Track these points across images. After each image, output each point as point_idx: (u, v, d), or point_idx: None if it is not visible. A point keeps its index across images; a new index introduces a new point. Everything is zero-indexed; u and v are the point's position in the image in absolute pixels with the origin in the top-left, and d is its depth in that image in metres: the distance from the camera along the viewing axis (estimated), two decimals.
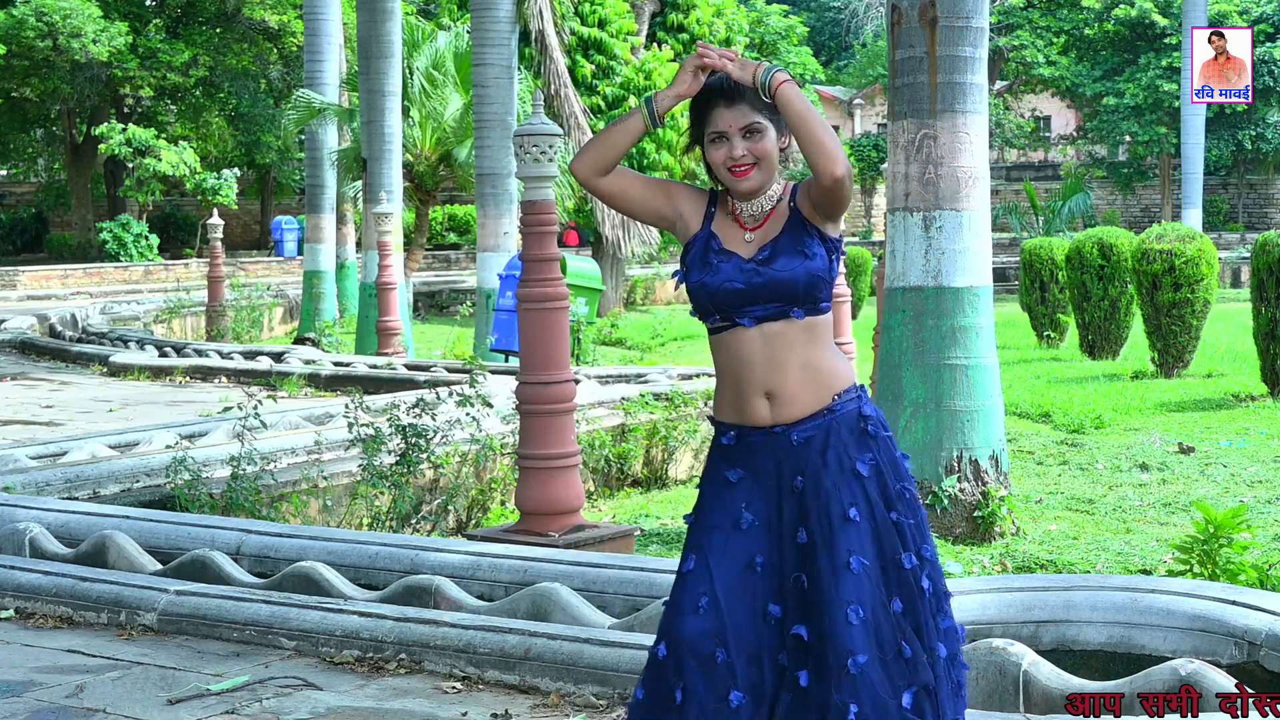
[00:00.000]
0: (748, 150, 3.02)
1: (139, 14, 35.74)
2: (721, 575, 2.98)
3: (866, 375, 11.95)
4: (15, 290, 29.36)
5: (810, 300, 3.02)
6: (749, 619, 2.97)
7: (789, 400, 3.02)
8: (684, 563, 3.04)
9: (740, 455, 3.05)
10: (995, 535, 7.58)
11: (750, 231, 3.06)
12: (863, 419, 3.03)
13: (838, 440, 3.00)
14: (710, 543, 3.01)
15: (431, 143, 21.03)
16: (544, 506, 6.89)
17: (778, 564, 2.99)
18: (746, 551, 3.00)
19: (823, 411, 3.02)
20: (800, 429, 3.01)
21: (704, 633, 2.95)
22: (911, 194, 7.66)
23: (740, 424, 3.06)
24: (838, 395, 3.03)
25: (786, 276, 2.99)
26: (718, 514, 3.04)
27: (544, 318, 6.90)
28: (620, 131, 3.08)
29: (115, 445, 8.84)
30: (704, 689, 2.93)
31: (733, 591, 2.98)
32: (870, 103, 50.11)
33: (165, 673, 4.83)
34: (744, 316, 3.02)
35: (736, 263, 3.03)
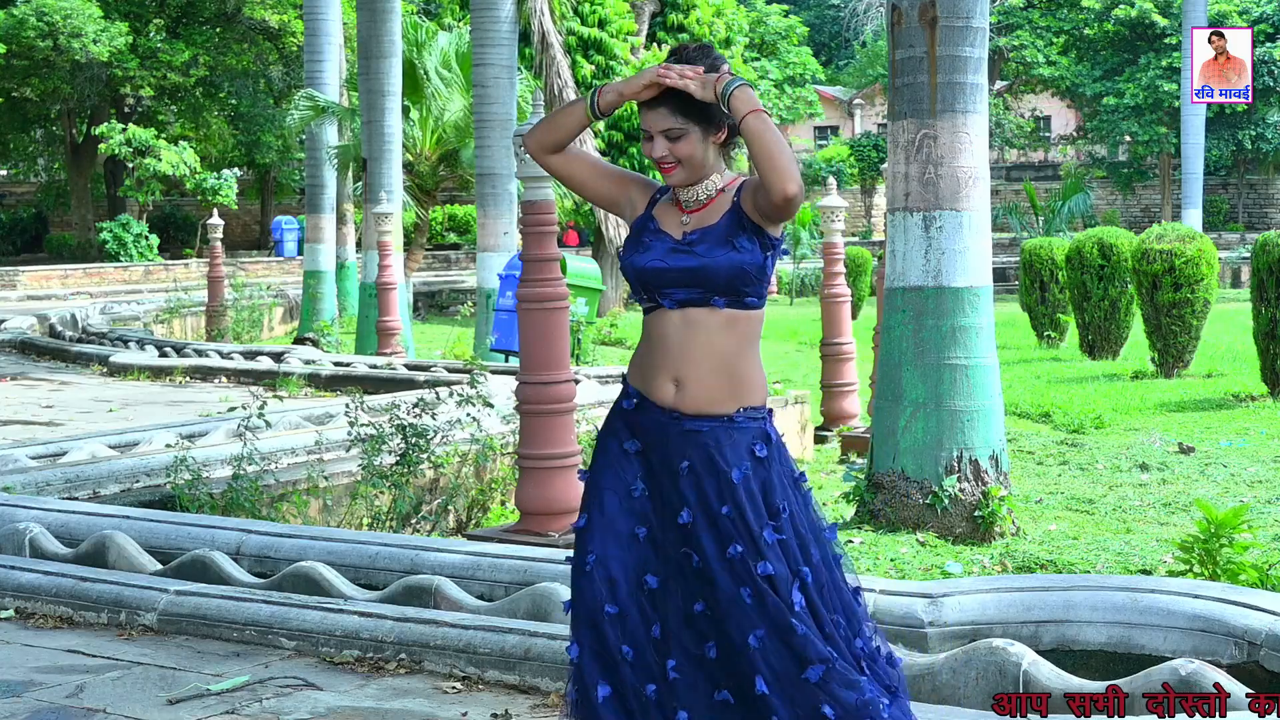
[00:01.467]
0: (669, 150, 3.12)
1: (139, 14, 35.72)
2: (611, 538, 3.11)
3: (867, 375, 11.97)
4: (15, 290, 29.36)
5: (732, 292, 3.08)
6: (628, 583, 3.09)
7: (694, 392, 3.10)
8: (579, 519, 3.17)
9: (636, 423, 3.16)
10: (995, 535, 7.58)
11: (687, 214, 3.16)
12: (759, 438, 3.09)
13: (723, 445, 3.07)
14: (603, 503, 3.13)
15: (432, 143, 21.04)
16: (544, 506, 6.89)
17: (659, 539, 3.10)
18: (630, 521, 3.12)
19: (723, 417, 3.09)
20: (694, 421, 3.09)
21: (593, 590, 3.08)
22: (911, 194, 7.66)
23: (644, 394, 3.16)
24: (744, 408, 3.10)
25: (709, 263, 3.07)
26: (611, 476, 3.15)
27: (544, 318, 6.91)
28: (564, 115, 3.23)
29: (115, 445, 8.84)
30: (598, 645, 3.07)
31: (620, 555, 3.10)
32: (870, 103, 50.11)
33: (165, 673, 4.83)
34: (666, 298, 3.12)
35: (665, 243, 3.13)
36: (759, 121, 2.98)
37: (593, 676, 3.05)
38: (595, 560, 3.09)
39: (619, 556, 3.09)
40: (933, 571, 6.73)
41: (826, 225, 12.70)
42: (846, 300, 12.76)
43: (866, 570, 6.62)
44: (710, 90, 3.04)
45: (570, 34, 25.93)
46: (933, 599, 4.56)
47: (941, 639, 4.44)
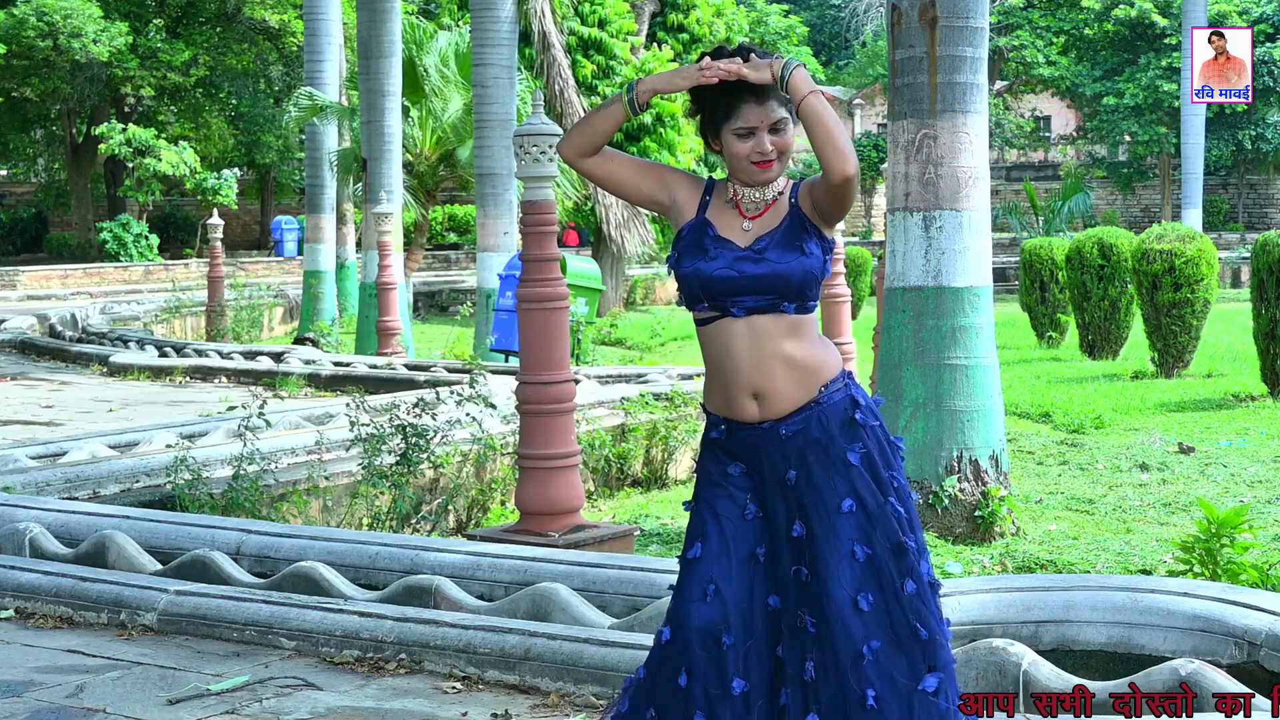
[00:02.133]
0: (774, 145, 3.05)
1: (139, 14, 35.72)
2: (728, 564, 3.02)
3: (866, 375, 11.96)
4: (15, 290, 29.36)
5: (801, 297, 3.05)
6: (751, 609, 3.01)
7: (775, 397, 3.04)
8: (689, 549, 3.08)
9: (733, 448, 3.09)
10: (995, 535, 7.58)
11: (749, 220, 3.09)
12: (851, 407, 3.05)
13: (826, 431, 3.02)
14: (716, 530, 3.05)
15: (432, 143, 21.03)
16: (544, 506, 6.89)
17: (775, 556, 3.03)
18: (749, 542, 3.04)
19: (809, 404, 3.04)
20: (788, 423, 3.04)
21: (710, 619, 2.99)
22: (911, 194, 7.66)
23: (730, 418, 3.09)
24: (824, 386, 3.05)
25: (782, 269, 3.02)
26: (722, 503, 3.07)
27: (544, 318, 6.90)
28: (601, 117, 3.13)
29: (115, 445, 8.84)
30: (708, 674, 2.97)
31: (737, 581, 3.01)
32: (870, 103, 50.12)
33: (165, 673, 4.83)
34: (735, 306, 3.04)
35: (732, 251, 3.05)
36: (819, 102, 2.95)
37: (698, 704, 2.97)
38: (715, 590, 3.00)
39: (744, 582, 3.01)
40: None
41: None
42: (846, 300, 12.76)
43: None
44: (767, 73, 2.98)
45: (570, 34, 25.94)
46: None
47: None
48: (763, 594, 3.01)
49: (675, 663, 3.00)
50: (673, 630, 3.02)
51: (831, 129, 2.94)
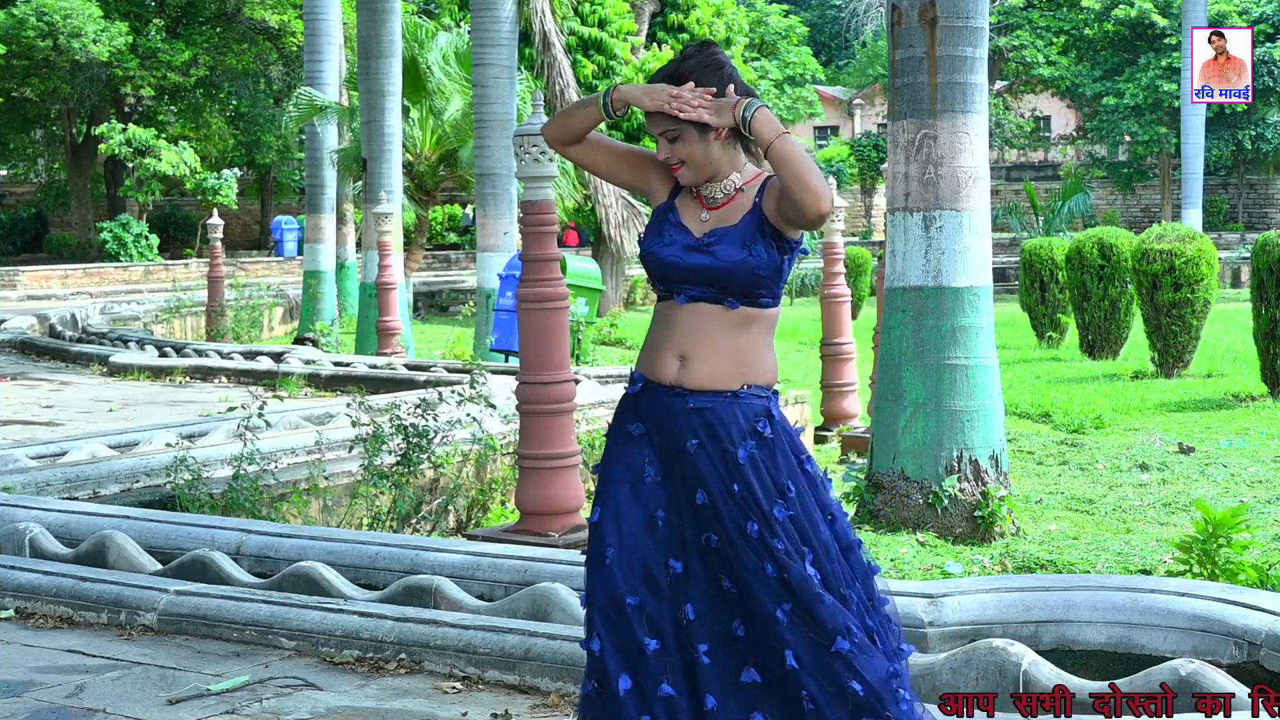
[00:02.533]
0: (672, 152, 3.14)
1: (139, 14, 35.73)
2: (625, 528, 3.09)
3: (867, 375, 11.96)
4: (15, 290, 29.36)
5: (745, 294, 3.09)
6: (651, 572, 3.07)
7: (698, 364, 3.09)
8: (593, 513, 3.15)
9: (641, 407, 3.15)
10: (995, 535, 7.58)
11: (708, 211, 3.16)
12: (763, 416, 3.09)
13: (728, 422, 3.06)
14: (615, 494, 3.12)
15: (432, 143, 21.03)
16: (544, 506, 6.89)
17: (677, 521, 3.09)
18: (647, 507, 3.10)
19: (726, 393, 3.08)
20: (697, 398, 3.09)
21: (610, 583, 3.06)
22: (911, 194, 7.66)
23: (649, 378, 3.15)
24: (749, 385, 3.10)
25: (724, 266, 3.07)
26: (621, 467, 3.14)
27: (544, 318, 6.90)
28: (579, 113, 3.24)
29: (115, 445, 8.84)
30: (620, 636, 3.05)
31: (638, 544, 3.08)
32: (870, 103, 50.12)
33: (165, 673, 4.83)
34: (680, 293, 3.12)
35: (685, 239, 3.13)
36: (785, 145, 2.99)
37: (615, 668, 3.03)
38: (615, 553, 3.07)
39: (637, 546, 3.07)
40: (933, 571, 6.73)
41: (826, 225, 12.69)
42: (846, 300, 12.77)
43: None
44: (728, 115, 3.05)
45: (571, 34, 25.95)
46: (933, 599, 4.56)
47: (941, 639, 4.44)
48: (663, 557, 3.07)
49: (590, 629, 3.10)
50: (586, 599, 3.12)
51: (800, 172, 2.97)
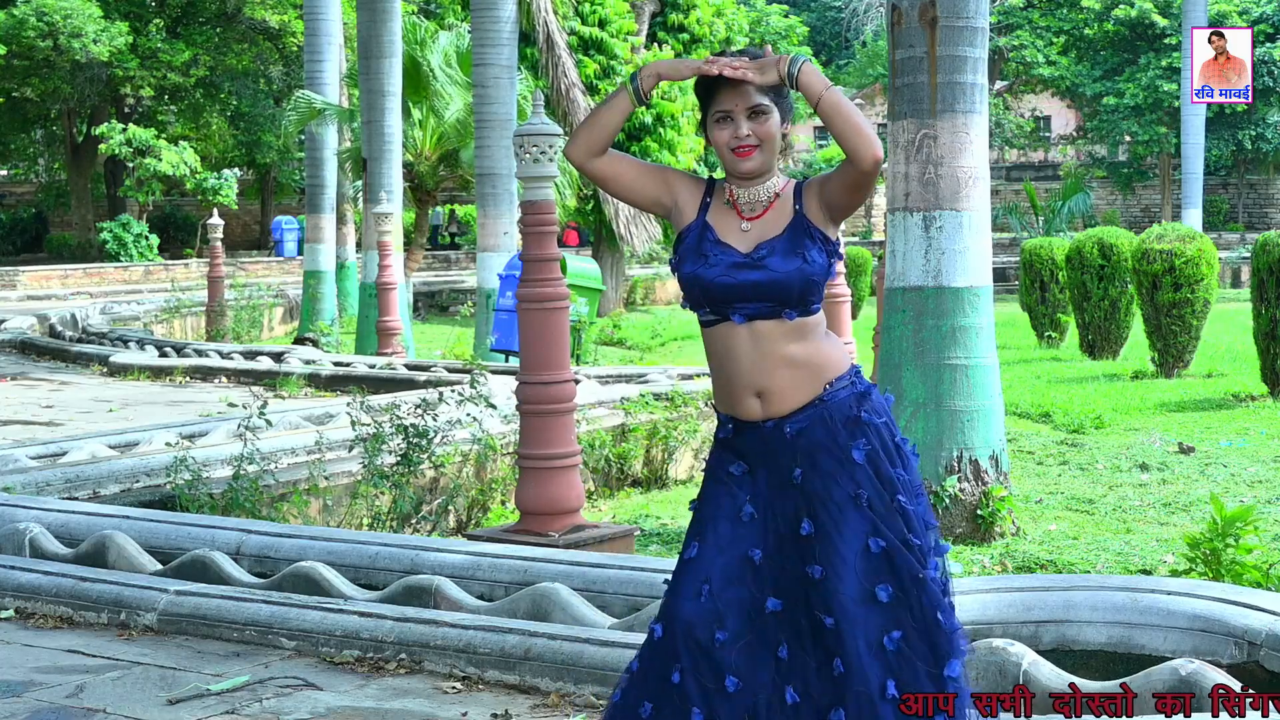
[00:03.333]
0: (752, 131, 3.01)
1: (139, 14, 35.73)
2: (723, 564, 3.00)
3: (867, 375, 11.94)
4: (15, 290, 29.36)
5: (803, 302, 3.02)
6: (746, 610, 2.99)
7: (779, 397, 3.02)
8: (687, 549, 3.06)
9: (739, 447, 3.07)
10: (995, 535, 7.58)
11: (747, 221, 3.05)
12: (856, 403, 3.03)
13: (831, 429, 3.00)
14: (713, 531, 3.03)
15: (432, 143, 21.03)
16: (544, 506, 6.89)
17: (777, 558, 3.00)
18: (745, 544, 3.01)
19: (814, 401, 3.02)
20: (792, 421, 3.01)
21: (703, 617, 2.97)
22: (911, 194, 7.66)
23: (735, 416, 3.07)
24: (829, 384, 3.03)
25: (781, 278, 2.98)
26: (720, 503, 3.05)
27: (544, 318, 6.90)
28: (608, 111, 3.08)
29: (115, 445, 8.84)
30: (702, 670, 2.96)
31: (732, 582, 2.99)
32: (870, 103, 50.10)
33: (165, 673, 4.83)
34: (735, 312, 3.01)
35: (732, 257, 3.01)
36: (836, 94, 2.93)
37: (694, 699, 2.95)
38: (710, 590, 2.98)
39: (734, 584, 2.98)
40: None
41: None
42: (846, 300, 12.73)
43: None
44: (773, 73, 2.95)
45: (571, 34, 25.94)
46: None
47: None
48: (760, 596, 2.98)
49: (668, 659, 2.98)
50: (664, 627, 3.01)
51: (853, 117, 2.92)
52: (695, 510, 3.10)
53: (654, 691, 3.00)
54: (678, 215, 3.11)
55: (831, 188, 3.01)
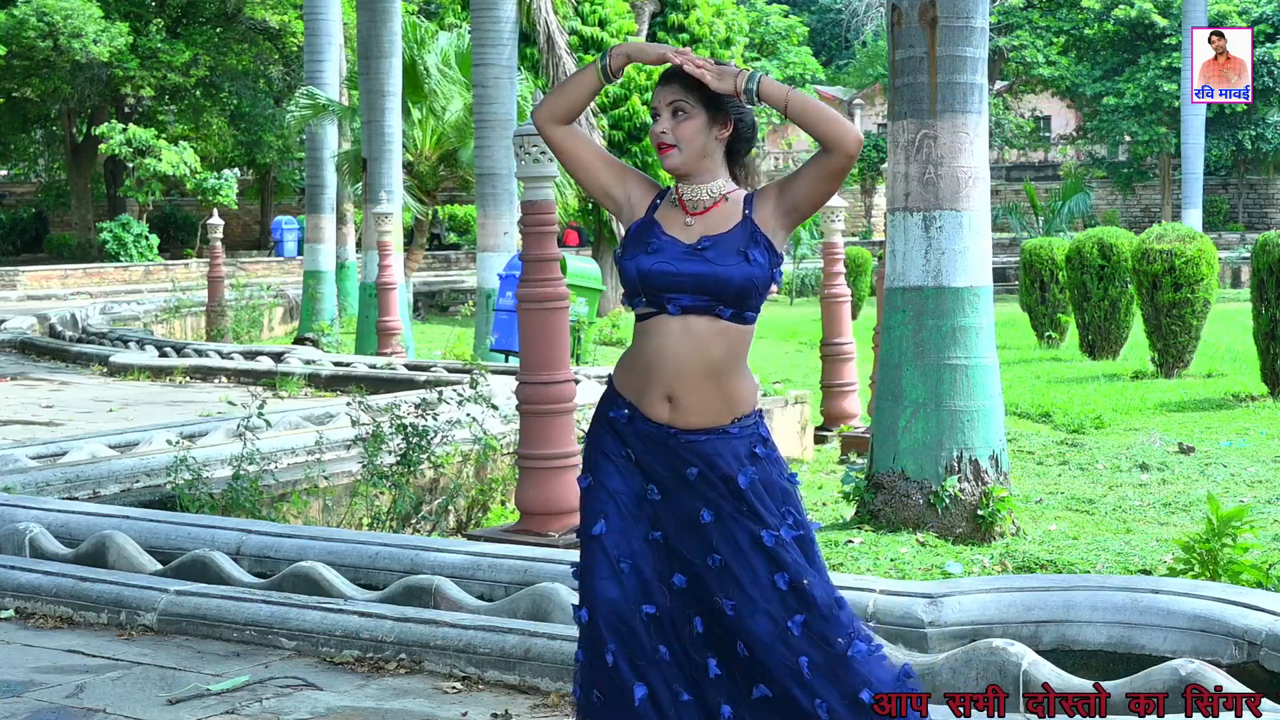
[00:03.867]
0: (668, 129, 3.08)
1: (139, 14, 35.74)
2: (634, 539, 3.07)
3: (867, 375, 11.96)
4: (15, 290, 29.37)
5: (739, 303, 3.05)
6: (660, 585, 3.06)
7: (688, 409, 3.07)
8: (592, 525, 3.10)
9: (630, 438, 3.11)
10: (995, 535, 7.58)
11: (691, 216, 3.10)
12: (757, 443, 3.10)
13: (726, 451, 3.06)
14: (617, 508, 3.08)
15: (432, 142, 21.03)
16: (544, 506, 6.89)
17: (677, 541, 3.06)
18: (646, 524, 3.08)
19: (718, 429, 3.08)
20: (689, 435, 3.07)
21: (626, 595, 3.03)
22: (911, 194, 7.66)
23: (636, 407, 3.11)
24: (737, 419, 3.09)
25: (722, 272, 3.02)
26: (620, 480, 3.10)
27: (544, 318, 6.90)
28: (575, 83, 3.18)
29: (115, 445, 8.84)
30: (632, 648, 3.02)
31: (643, 558, 3.06)
32: (870, 103, 50.12)
33: (165, 673, 4.83)
34: (671, 303, 3.05)
35: (675, 247, 3.06)
36: (800, 98, 3.01)
37: (629, 677, 3.00)
38: (630, 565, 3.04)
39: (648, 559, 3.05)
40: (933, 571, 6.73)
41: (826, 225, 12.70)
42: (846, 300, 12.76)
43: (866, 570, 6.62)
44: (729, 82, 3.00)
45: (572, 33, 25.95)
46: (933, 599, 4.56)
47: (941, 639, 4.44)
48: (667, 572, 3.06)
49: (600, 642, 3.03)
50: (589, 610, 3.05)
51: (824, 110, 3.01)
52: (589, 487, 3.13)
53: (598, 678, 3.05)
54: (628, 210, 3.18)
55: (803, 182, 3.06)
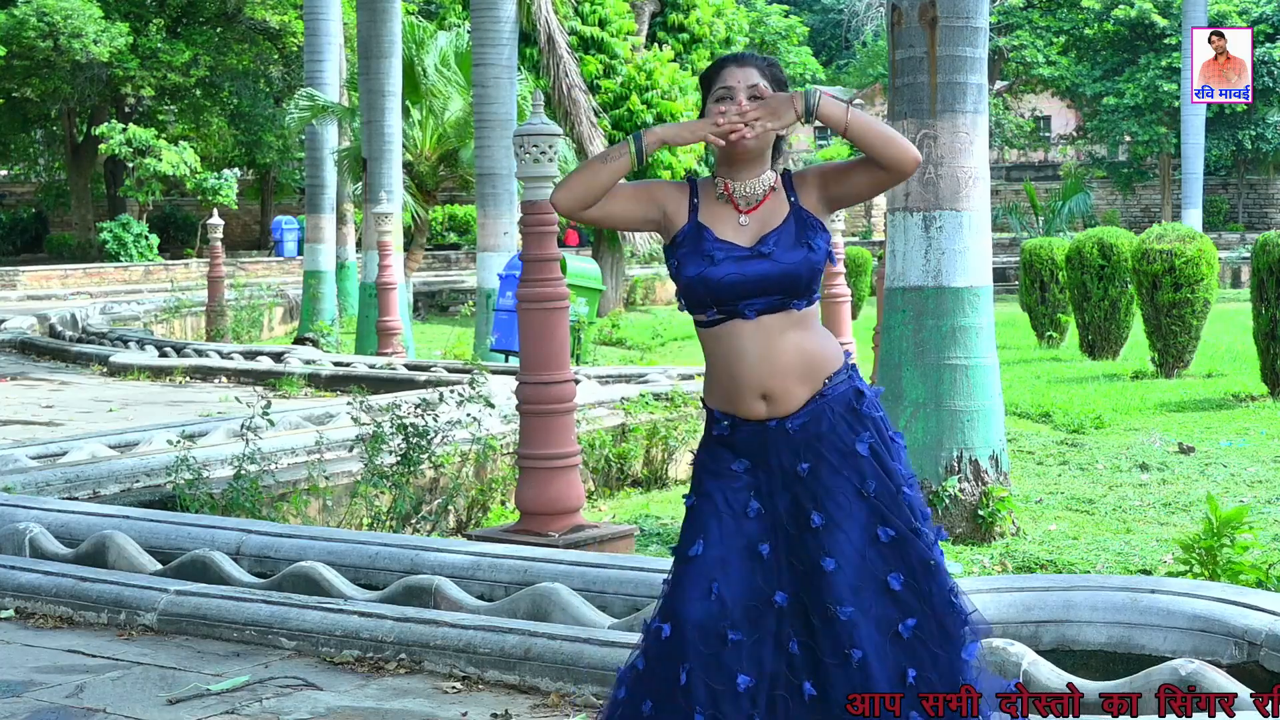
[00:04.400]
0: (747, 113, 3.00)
1: (139, 14, 35.72)
2: (730, 562, 2.98)
3: (867, 375, 11.95)
4: (15, 290, 29.35)
5: (809, 291, 3.04)
6: (755, 606, 2.97)
7: (784, 397, 3.02)
8: (689, 545, 3.03)
9: (737, 444, 3.05)
10: (995, 535, 7.58)
11: (744, 214, 3.05)
12: (856, 397, 3.05)
13: (833, 422, 3.01)
14: (717, 528, 3.01)
15: (432, 143, 21.03)
16: (544, 506, 6.89)
17: (785, 552, 2.99)
18: (752, 539, 3.00)
19: (814, 397, 3.02)
20: (794, 418, 3.01)
21: (714, 617, 2.95)
22: (911, 194, 7.66)
23: (734, 415, 3.05)
24: (828, 379, 3.04)
25: (790, 268, 2.99)
26: (722, 499, 3.03)
27: (544, 318, 6.90)
28: (605, 169, 3.04)
29: (115, 445, 8.84)
30: (711, 670, 2.93)
31: (741, 578, 2.98)
32: (870, 103, 50.07)
33: (165, 673, 4.83)
34: (747, 308, 2.99)
35: (736, 252, 3.00)
36: (858, 115, 3.00)
37: (700, 700, 2.92)
38: (719, 589, 2.95)
39: (749, 579, 2.97)
40: None
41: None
42: (846, 300, 12.77)
43: None
44: (789, 113, 2.97)
45: (572, 33, 25.95)
46: None
47: None
48: (767, 591, 2.97)
49: (675, 659, 2.96)
50: (672, 626, 2.98)
51: (885, 131, 2.99)
52: (693, 506, 3.07)
53: (657, 690, 2.97)
54: (667, 224, 3.09)
55: (851, 185, 3.06)
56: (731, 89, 3.03)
